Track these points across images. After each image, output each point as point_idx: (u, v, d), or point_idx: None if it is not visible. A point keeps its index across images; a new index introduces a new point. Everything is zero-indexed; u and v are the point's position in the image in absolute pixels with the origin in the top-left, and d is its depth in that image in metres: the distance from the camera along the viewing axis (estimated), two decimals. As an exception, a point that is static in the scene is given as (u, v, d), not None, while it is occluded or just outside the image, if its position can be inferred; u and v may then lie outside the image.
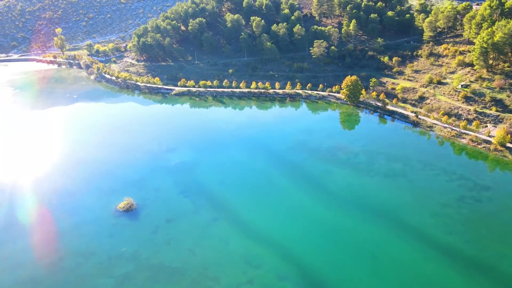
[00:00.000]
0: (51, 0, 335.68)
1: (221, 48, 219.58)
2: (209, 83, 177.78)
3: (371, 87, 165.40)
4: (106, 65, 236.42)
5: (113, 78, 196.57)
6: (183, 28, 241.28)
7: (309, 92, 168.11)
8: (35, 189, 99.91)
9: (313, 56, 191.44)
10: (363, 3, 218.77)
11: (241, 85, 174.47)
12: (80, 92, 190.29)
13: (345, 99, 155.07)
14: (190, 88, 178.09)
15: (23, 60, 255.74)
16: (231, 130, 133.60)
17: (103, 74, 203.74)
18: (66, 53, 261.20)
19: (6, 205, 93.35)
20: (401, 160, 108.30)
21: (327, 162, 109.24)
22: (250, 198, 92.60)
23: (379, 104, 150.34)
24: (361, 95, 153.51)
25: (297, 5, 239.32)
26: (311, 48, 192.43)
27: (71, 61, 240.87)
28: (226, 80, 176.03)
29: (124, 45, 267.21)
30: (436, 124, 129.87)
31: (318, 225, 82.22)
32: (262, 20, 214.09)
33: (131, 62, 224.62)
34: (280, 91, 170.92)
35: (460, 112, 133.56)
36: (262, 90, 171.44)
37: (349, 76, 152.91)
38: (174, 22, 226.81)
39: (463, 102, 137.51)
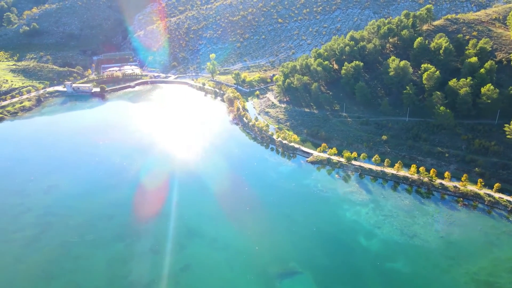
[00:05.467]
0: (214, 19, 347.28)
1: (377, 99, 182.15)
2: (354, 154, 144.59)
3: None
4: (249, 98, 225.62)
5: (250, 124, 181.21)
6: (335, 66, 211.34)
7: (496, 196, 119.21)
8: None
9: (508, 136, 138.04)
10: None
11: (396, 165, 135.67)
12: (214, 134, 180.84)
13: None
14: (331, 157, 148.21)
15: (178, 82, 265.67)
16: (373, 255, 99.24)
17: (241, 116, 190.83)
18: (216, 78, 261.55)
19: None
20: None
21: None
22: None
23: None
24: None
25: (490, 48, 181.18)
26: (506, 126, 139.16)
27: (217, 91, 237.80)
28: (376, 156, 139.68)
29: (271, 75, 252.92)
30: None
31: None
32: (437, 71, 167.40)
33: (272, 102, 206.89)
34: (450, 185, 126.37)
35: None
36: (424, 179, 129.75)
37: None
38: (326, 62, 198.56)
39: None
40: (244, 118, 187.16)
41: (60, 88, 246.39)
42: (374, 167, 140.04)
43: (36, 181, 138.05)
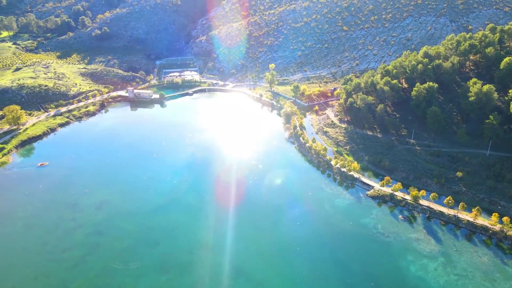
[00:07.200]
0: (276, 25, 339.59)
1: (452, 126, 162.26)
2: (422, 192, 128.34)
3: None
4: (307, 113, 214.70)
5: (306, 145, 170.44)
6: (404, 85, 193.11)
7: None
8: None
9: None
10: None
11: (474, 211, 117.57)
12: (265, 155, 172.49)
13: None
14: (395, 193, 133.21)
15: (235, 91, 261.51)
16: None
17: (297, 135, 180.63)
18: (274, 88, 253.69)
19: None
20: None
21: None
22: None
23: None
24: None
25: None
26: None
27: (274, 103, 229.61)
28: (449, 198, 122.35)
29: (332, 88, 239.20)
30: None
31: None
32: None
33: (332, 121, 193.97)
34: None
35: None
36: (509, 232, 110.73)
37: None
38: (395, 81, 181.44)
39: None
40: (301, 138, 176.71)
41: (122, 93, 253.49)
42: (445, 210, 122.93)
43: (90, 194, 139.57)
